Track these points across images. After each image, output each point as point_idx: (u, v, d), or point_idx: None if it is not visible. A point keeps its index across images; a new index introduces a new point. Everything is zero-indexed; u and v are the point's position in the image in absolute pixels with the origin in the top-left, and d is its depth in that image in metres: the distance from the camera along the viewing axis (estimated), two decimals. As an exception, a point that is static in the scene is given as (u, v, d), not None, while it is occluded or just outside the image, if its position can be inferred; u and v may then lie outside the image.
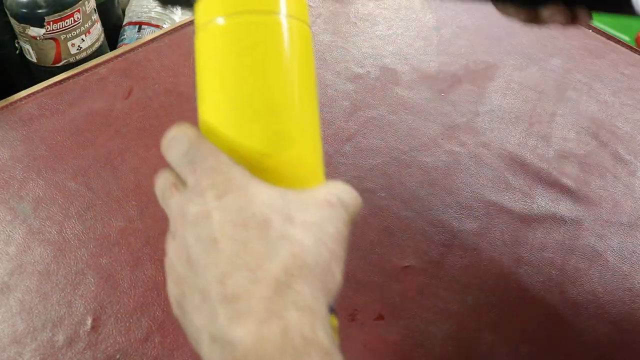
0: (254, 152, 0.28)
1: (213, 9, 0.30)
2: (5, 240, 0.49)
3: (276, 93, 0.29)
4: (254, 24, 0.29)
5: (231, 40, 0.29)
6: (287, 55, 0.30)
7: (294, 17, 0.30)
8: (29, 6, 0.66)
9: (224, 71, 0.29)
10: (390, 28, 0.72)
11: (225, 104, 0.29)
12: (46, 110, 0.60)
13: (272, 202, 0.26)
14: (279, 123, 0.29)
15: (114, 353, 0.42)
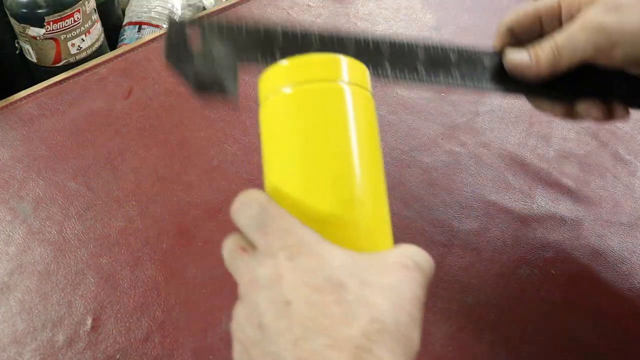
0: (323, 215, 0.28)
1: (279, 79, 0.31)
2: (5, 240, 0.49)
3: (343, 158, 0.30)
4: (320, 91, 0.30)
5: (298, 106, 0.30)
6: (351, 120, 0.30)
7: (357, 84, 0.31)
8: (29, 6, 0.66)
9: (291, 136, 0.30)
10: (390, 28, 0.72)
11: (293, 169, 0.30)
12: (46, 110, 0.60)
13: (346, 265, 0.26)
14: (347, 187, 0.29)
15: (114, 353, 0.42)
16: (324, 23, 0.72)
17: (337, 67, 0.31)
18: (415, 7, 0.76)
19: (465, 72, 0.41)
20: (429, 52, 0.40)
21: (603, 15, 0.38)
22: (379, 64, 0.39)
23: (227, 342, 0.43)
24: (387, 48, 0.40)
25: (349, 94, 0.31)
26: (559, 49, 0.39)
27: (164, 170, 0.54)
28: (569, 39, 0.39)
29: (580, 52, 0.38)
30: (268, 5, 0.75)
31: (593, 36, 0.38)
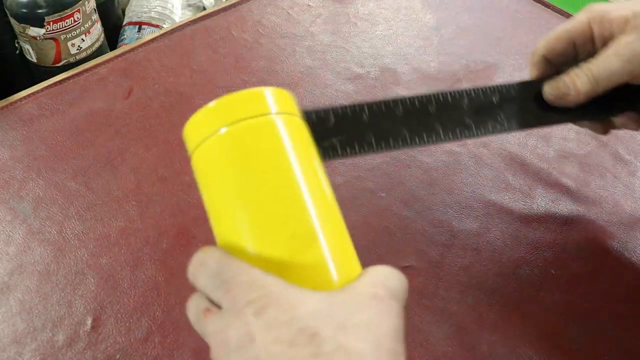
0: (282, 257, 0.27)
1: (205, 125, 0.30)
2: (5, 240, 0.49)
3: (288, 191, 0.28)
4: (250, 127, 0.29)
5: (230, 148, 0.29)
6: (289, 150, 0.29)
7: (286, 113, 0.30)
8: (29, 6, 0.66)
9: (230, 180, 0.29)
10: (390, 28, 0.72)
11: (240, 215, 0.28)
12: (46, 110, 0.60)
13: (317, 309, 0.24)
14: (300, 221, 0.28)
15: (114, 353, 0.42)
16: (324, 23, 0.72)
17: (262, 100, 0.30)
18: (415, 7, 0.76)
19: (510, 112, 0.42)
20: (472, 100, 0.41)
21: (638, 44, 0.39)
22: (431, 128, 0.39)
23: (227, 342, 0.43)
24: (433, 105, 0.40)
25: (281, 125, 0.29)
26: (595, 78, 0.40)
27: (164, 170, 0.54)
28: (604, 67, 0.40)
29: (615, 78, 0.40)
30: (268, 5, 0.75)
31: (628, 65, 0.39)
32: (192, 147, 0.30)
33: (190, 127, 0.31)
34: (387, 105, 0.39)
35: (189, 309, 0.28)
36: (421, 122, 0.39)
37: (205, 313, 0.27)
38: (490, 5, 0.77)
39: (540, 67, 0.44)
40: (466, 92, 0.41)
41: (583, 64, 0.41)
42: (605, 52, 0.40)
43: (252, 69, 0.65)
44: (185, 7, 0.90)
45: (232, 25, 0.71)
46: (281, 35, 0.70)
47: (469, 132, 0.40)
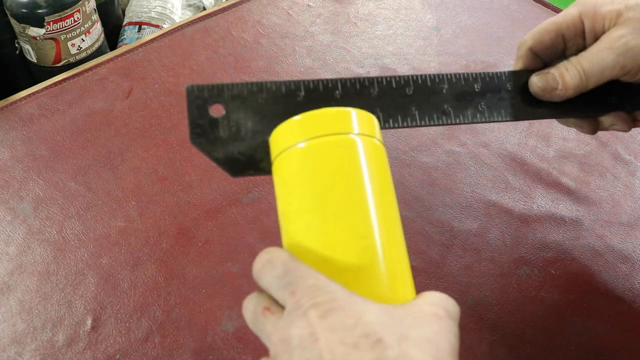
0: (347, 268, 0.28)
1: (291, 135, 0.31)
2: (5, 240, 0.49)
3: (361, 208, 0.29)
4: (332, 143, 0.30)
5: (312, 160, 0.30)
6: (365, 169, 0.30)
7: (367, 135, 0.31)
8: (29, 6, 0.66)
9: (307, 190, 0.30)
10: (390, 28, 0.72)
11: (312, 223, 0.29)
12: (46, 110, 0.60)
13: (381, 319, 0.25)
14: (368, 237, 0.29)
15: (114, 353, 0.42)
16: (324, 23, 0.72)
17: (347, 120, 0.31)
18: (415, 7, 0.76)
19: (492, 103, 0.40)
20: (452, 85, 0.40)
21: (631, 36, 0.38)
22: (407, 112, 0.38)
23: (227, 342, 0.43)
24: (411, 87, 0.39)
25: (361, 145, 0.31)
26: (586, 72, 0.39)
27: (164, 170, 0.54)
28: (596, 61, 0.39)
29: (607, 73, 0.39)
30: (268, 5, 0.75)
31: (621, 58, 0.38)
32: (274, 154, 0.32)
33: (276, 135, 0.32)
34: (362, 83, 0.38)
35: (247, 307, 0.29)
36: (397, 103, 0.38)
37: (264, 312, 0.28)
38: (490, 5, 0.77)
39: (526, 60, 0.42)
40: (447, 76, 0.40)
41: (573, 58, 0.40)
42: (597, 45, 0.39)
43: (252, 69, 0.65)
44: (185, 7, 0.90)
45: (232, 25, 0.71)
46: (281, 36, 0.70)
47: (447, 118, 0.39)
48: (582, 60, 0.39)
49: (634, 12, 0.38)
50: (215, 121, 0.34)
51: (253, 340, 0.42)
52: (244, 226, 0.50)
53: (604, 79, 0.39)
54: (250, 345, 0.42)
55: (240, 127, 0.34)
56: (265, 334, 0.27)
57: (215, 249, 0.49)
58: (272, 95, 0.35)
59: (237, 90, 0.35)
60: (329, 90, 0.37)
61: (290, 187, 0.31)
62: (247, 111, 0.34)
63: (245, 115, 0.34)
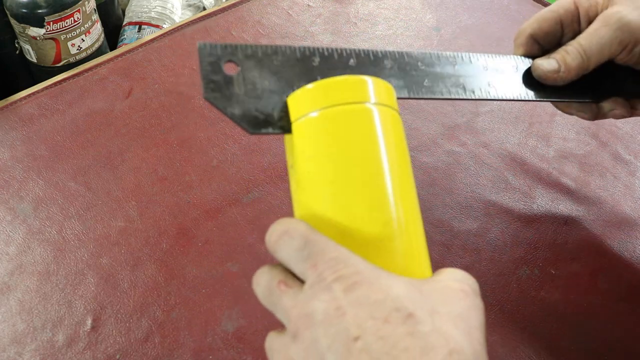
0: (368, 240, 0.27)
1: (307, 103, 0.30)
2: (5, 240, 0.49)
3: (379, 178, 0.29)
4: (348, 112, 0.30)
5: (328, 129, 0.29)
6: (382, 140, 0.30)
7: (384, 104, 0.31)
8: (29, 6, 0.66)
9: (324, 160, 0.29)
10: (390, 28, 0.72)
11: (330, 194, 0.28)
12: (46, 110, 0.60)
13: (410, 294, 0.24)
14: (387, 208, 0.28)
15: (114, 353, 0.42)
16: (324, 23, 0.72)
17: (363, 88, 0.30)
18: (415, 7, 0.76)
19: (498, 82, 0.41)
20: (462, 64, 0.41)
21: (626, 12, 0.38)
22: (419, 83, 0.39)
23: (227, 342, 0.43)
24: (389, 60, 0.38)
25: (377, 114, 0.30)
26: (586, 52, 0.40)
27: (164, 170, 0.54)
28: (594, 39, 0.39)
29: (606, 49, 0.39)
30: (268, 5, 0.75)
31: (618, 32, 0.39)
32: (294, 117, 0.31)
33: (293, 99, 0.31)
34: (375, 55, 0.37)
35: (258, 281, 0.27)
36: (410, 76, 0.38)
37: (279, 285, 0.26)
38: (490, 5, 0.77)
39: (527, 47, 0.43)
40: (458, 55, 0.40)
41: (572, 41, 0.41)
42: (593, 25, 0.40)
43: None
44: (185, 7, 0.90)
45: (232, 25, 0.71)
46: (281, 36, 0.70)
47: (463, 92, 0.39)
48: (581, 40, 0.40)
49: None
50: (230, 78, 0.33)
51: (253, 340, 0.42)
52: (244, 226, 0.50)
53: (603, 56, 0.39)
54: (250, 345, 0.42)
55: (256, 85, 0.33)
56: (282, 309, 0.26)
57: (215, 249, 0.49)
58: (287, 58, 0.34)
59: (252, 51, 0.34)
60: (343, 58, 0.36)
61: (306, 157, 0.30)
62: (263, 71, 0.34)
63: (260, 74, 0.33)
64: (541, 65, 0.41)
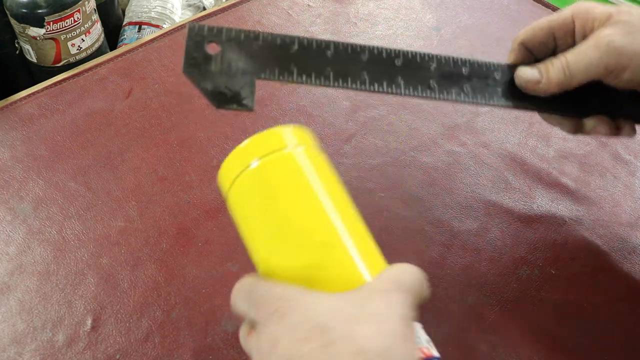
0: (310, 267, 0.30)
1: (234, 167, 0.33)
2: (5, 240, 0.49)
3: (312, 211, 0.31)
4: (270, 162, 0.32)
5: (255, 183, 0.32)
6: (309, 176, 0.32)
7: (303, 145, 0.33)
8: (29, 6, 0.66)
9: (258, 209, 0.32)
10: (390, 28, 0.72)
11: (270, 239, 0.31)
12: (46, 110, 0.60)
13: (332, 307, 0.27)
14: (322, 231, 0.30)
15: (114, 353, 0.42)
16: (324, 23, 0.72)
17: (280, 138, 0.33)
18: (415, 7, 0.76)
19: (477, 86, 0.41)
20: (440, 65, 0.41)
21: (617, 37, 0.38)
22: (393, 80, 0.40)
23: (227, 342, 0.43)
24: (400, 60, 0.40)
25: (299, 155, 0.32)
26: (570, 67, 0.39)
27: (164, 170, 0.54)
28: (580, 57, 0.39)
29: (591, 71, 0.39)
30: (268, 5, 0.75)
31: (605, 56, 0.38)
32: (226, 188, 0.34)
33: (223, 172, 0.34)
34: (354, 49, 0.40)
35: (240, 335, 0.31)
36: (384, 71, 0.40)
37: (249, 334, 0.30)
38: (490, 5, 0.77)
39: (518, 53, 0.43)
40: (437, 57, 0.41)
41: (560, 54, 0.40)
42: (584, 43, 0.39)
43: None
44: (185, 7, 0.90)
45: (232, 25, 0.71)
46: (281, 35, 0.70)
47: (432, 92, 0.40)
48: (568, 56, 0.40)
49: (624, 15, 0.39)
50: (209, 56, 0.36)
51: (253, 340, 0.42)
52: (244, 226, 0.50)
53: (588, 76, 0.39)
54: (250, 345, 0.42)
55: (231, 64, 0.37)
56: (253, 353, 0.29)
57: (215, 249, 0.49)
58: (268, 44, 0.37)
59: (235, 34, 0.37)
60: (321, 50, 0.39)
61: (244, 213, 0.33)
62: (241, 53, 0.37)
63: (238, 56, 0.37)
64: (523, 74, 0.41)
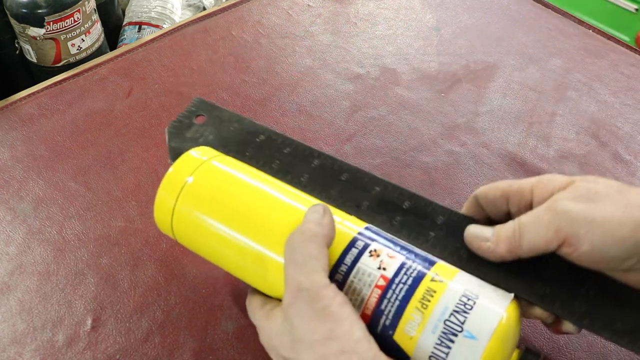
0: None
1: (168, 201, 0.38)
2: (5, 240, 0.49)
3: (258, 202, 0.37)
4: (202, 172, 0.38)
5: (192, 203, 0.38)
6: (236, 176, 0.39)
7: (214, 157, 0.39)
8: (29, 6, 0.66)
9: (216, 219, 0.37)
10: (390, 28, 0.72)
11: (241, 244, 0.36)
12: (46, 110, 0.60)
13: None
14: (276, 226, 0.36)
15: (114, 353, 0.42)
16: (324, 23, 0.72)
17: (195, 157, 0.39)
18: (415, 7, 0.76)
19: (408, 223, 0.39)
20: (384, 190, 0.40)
21: (573, 201, 0.35)
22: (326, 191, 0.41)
23: (227, 342, 0.43)
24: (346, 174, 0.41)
25: (221, 160, 0.39)
26: (520, 228, 0.36)
27: (164, 170, 0.54)
28: (532, 219, 0.36)
29: (542, 233, 0.35)
30: (268, 5, 0.75)
31: (556, 219, 0.34)
32: (168, 217, 0.38)
33: (160, 206, 0.38)
34: (311, 153, 0.42)
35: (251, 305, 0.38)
36: (325, 181, 0.41)
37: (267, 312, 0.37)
38: (490, 5, 0.77)
39: (470, 206, 0.40)
40: (383, 182, 0.40)
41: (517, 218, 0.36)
42: (539, 207, 0.36)
43: (252, 69, 0.65)
44: (185, 7, 0.90)
45: (232, 25, 0.71)
46: (281, 36, 0.70)
47: (356, 212, 0.39)
48: (522, 218, 0.36)
49: (588, 182, 0.36)
50: (192, 124, 0.44)
51: (253, 340, 0.42)
52: (244, 226, 0.50)
53: (539, 239, 0.35)
54: (250, 345, 0.42)
55: (202, 135, 0.44)
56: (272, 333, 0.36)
57: (215, 249, 0.48)
58: (241, 128, 0.44)
59: (222, 114, 0.45)
60: (282, 145, 0.43)
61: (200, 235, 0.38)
62: (217, 129, 0.44)
63: (213, 131, 0.44)
64: (472, 229, 0.38)
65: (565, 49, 0.70)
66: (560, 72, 0.67)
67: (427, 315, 0.32)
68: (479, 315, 0.32)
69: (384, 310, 0.32)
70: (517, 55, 0.69)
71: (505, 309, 0.32)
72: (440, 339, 0.31)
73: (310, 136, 0.58)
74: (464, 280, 0.34)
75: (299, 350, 0.31)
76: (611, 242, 0.34)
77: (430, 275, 0.33)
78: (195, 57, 0.67)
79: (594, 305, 0.35)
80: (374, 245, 0.34)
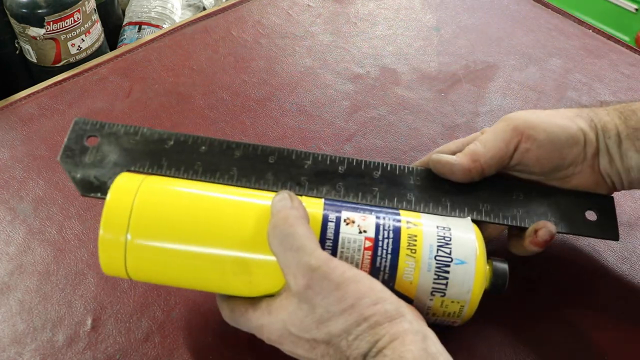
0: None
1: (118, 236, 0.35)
2: (5, 240, 0.49)
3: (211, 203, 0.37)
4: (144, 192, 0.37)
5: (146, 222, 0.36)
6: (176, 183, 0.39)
7: (144, 176, 0.38)
8: (29, 6, 0.66)
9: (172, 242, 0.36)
10: (390, 28, 0.72)
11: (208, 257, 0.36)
12: (46, 110, 0.60)
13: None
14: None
15: (114, 353, 0.42)
16: (324, 23, 0.72)
17: (125, 189, 0.36)
18: (415, 7, 0.76)
19: (350, 185, 0.41)
20: (316, 163, 0.42)
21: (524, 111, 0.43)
22: (262, 176, 0.41)
23: (227, 342, 0.43)
24: (275, 156, 0.42)
25: (156, 178, 0.38)
26: (481, 139, 0.42)
27: (164, 170, 0.54)
28: (490, 130, 0.42)
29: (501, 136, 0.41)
30: (268, 5, 0.75)
31: (512, 122, 0.41)
32: (120, 268, 0.36)
33: (108, 240, 0.36)
34: (229, 145, 0.42)
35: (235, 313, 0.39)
36: (255, 167, 0.41)
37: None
38: (490, 5, 0.77)
39: (424, 161, 0.44)
40: (313, 154, 0.42)
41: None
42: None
43: (252, 69, 0.65)
44: (185, 7, 0.90)
45: (232, 25, 0.71)
46: (281, 36, 0.70)
47: (300, 189, 0.40)
48: (485, 133, 0.43)
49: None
50: (86, 148, 0.41)
51: (253, 340, 0.42)
52: (244, 226, 0.50)
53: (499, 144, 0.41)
54: (250, 345, 0.42)
55: (105, 157, 0.40)
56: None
57: (215, 249, 0.48)
58: (144, 139, 0.41)
59: (115, 129, 0.42)
60: (196, 145, 0.41)
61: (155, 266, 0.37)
62: (117, 146, 0.41)
63: (114, 149, 0.41)
64: (437, 155, 0.42)
65: (565, 49, 0.70)
66: (560, 72, 0.67)
67: (419, 258, 0.35)
68: (459, 242, 0.36)
69: (379, 267, 0.35)
70: (517, 55, 0.69)
71: (473, 231, 0.37)
72: (437, 274, 0.35)
73: (310, 136, 0.58)
74: (429, 218, 0.38)
75: (329, 324, 0.32)
76: (558, 130, 0.40)
77: (405, 224, 0.37)
78: (195, 57, 0.67)
79: (527, 206, 0.42)
80: (344, 214, 0.37)
